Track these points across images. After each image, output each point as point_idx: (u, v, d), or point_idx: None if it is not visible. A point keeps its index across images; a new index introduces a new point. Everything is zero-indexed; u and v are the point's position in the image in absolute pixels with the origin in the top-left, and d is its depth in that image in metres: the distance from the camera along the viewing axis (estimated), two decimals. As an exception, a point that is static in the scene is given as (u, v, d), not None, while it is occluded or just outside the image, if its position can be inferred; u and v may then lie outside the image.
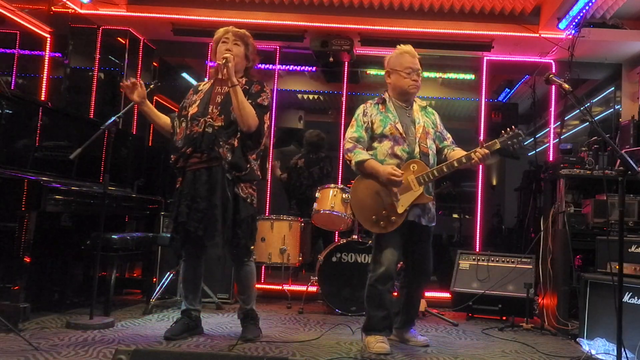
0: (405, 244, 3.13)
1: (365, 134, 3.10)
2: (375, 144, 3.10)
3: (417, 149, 3.05)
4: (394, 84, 3.17)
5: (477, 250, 5.02)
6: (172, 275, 4.01)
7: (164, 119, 3.23)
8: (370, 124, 3.11)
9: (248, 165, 3.04)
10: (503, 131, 3.04)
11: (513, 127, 3.03)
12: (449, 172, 3.02)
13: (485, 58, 5.35)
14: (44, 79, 5.11)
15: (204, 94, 3.12)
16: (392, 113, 3.11)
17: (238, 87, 2.95)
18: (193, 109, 3.08)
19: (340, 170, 5.36)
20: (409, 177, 2.99)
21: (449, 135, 3.28)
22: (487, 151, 2.98)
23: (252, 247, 3.22)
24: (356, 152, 3.05)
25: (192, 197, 2.97)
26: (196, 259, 3.15)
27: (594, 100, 5.96)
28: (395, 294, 3.35)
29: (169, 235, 3.17)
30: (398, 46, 3.22)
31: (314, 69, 6.30)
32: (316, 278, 4.21)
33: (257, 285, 4.89)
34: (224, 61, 2.98)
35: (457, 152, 3.12)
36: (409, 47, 3.18)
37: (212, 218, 2.93)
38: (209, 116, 3.01)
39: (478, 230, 5.18)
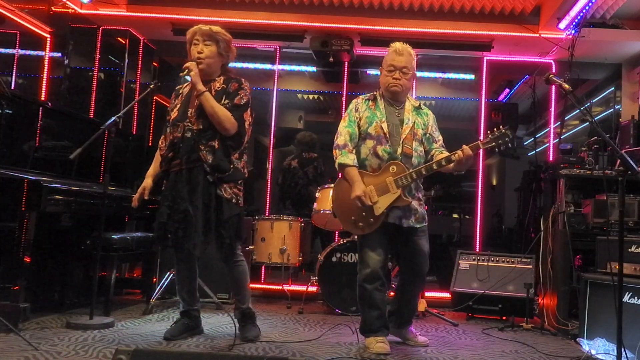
0: (395, 246, 3.14)
1: (357, 130, 3.08)
2: (359, 142, 3.08)
3: (399, 150, 3.01)
4: (380, 81, 3.16)
5: (477, 250, 5.02)
6: (172, 275, 4.00)
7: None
8: (359, 120, 3.09)
9: (231, 166, 3.00)
10: (489, 132, 2.99)
11: (501, 126, 2.97)
12: (428, 174, 3.00)
13: (485, 58, 5.35)
14: (44, 79, 5.10)
15: (184, 97, 3.11)
16: (381, 111, 3.08)
17: (206, 94, 2.92)
18: (174, 114, 3.08)
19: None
20: (387, 179, 2.96)
21: (440, 137, 3.21)
22: (466, 153, 2.91)
23: (244, 247, 3.21)
24: (344, 152, 3.03)
25: (172, 198, 2.97)
26: (189, 259, 3.13)
27: (594, 100, 5.96)
28: (393, 293, 3.38)
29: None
30: (391, 44, 3.17)
31: (314, 69, 6.31)
32: (316, 278, 4.21)
33: (257, 285, 4.92)
34: (185, 72, 2.95)
35: (443, 155, 3.07)
36: (397, 45, 3.10)
37: (191, 219, 2.91)
38: (188, 120, 2.99)
39: (478, 230, 5.18)
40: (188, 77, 3.00)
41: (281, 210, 5.69)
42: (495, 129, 2.97)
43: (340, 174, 3.17)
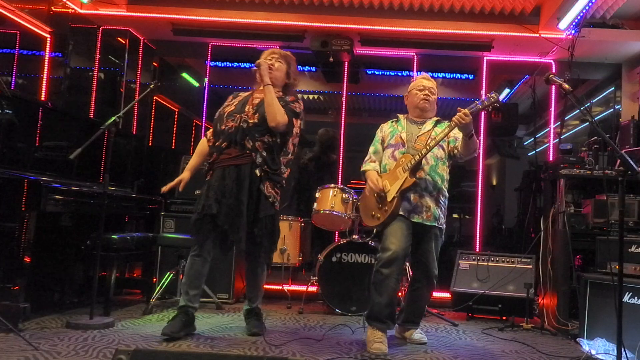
0: (413, 242, 3.22)
1: (380, 146, 3.39)
2: (383, 154, 3.36)
3: (411, 148, 3.21)
4: (409, 103, 3.42)
5: (477, 250, 5.01)
6: (172, 275, 4.00)
7: (204, 151, 3.33)
8: (383, 138, 3.39)
9: (279, 166, 3.19)
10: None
11: (487, 93, 3.10)
12: (429, 151, 3.10)
13: (485, 58, 5.35)
14: (44, 79, 5.09)
15: (242, 98, 3.31)
16: (402, 126, 3.34)
17: (270, 87, 3.14)
18: (230, 108, 3.25)
19: (340, 170, 5.36)
20: (397, 170, 3.18)
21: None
22: (457, 120, 2.97)
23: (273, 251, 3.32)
24: (366, 163, 3.38)
25: (222, 192, 3.08)
26: (206, 256, 3.16)
27: (594, 100, 5.96)
28: (400, 294, 3.45)
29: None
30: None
31: (314, 69, 6.30)
32: (316, 278, 4.21)
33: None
34: (257, 64, 3.19)
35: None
36: (423, 74, 3.52)
37: (238, 214, 3.04)
38: (245, 113, 3.17)
39: (478, 230, 5.17)
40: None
41: (296, 210, 5.61)
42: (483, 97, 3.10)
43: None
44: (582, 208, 3.97)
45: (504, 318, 4.14)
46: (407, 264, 3.64)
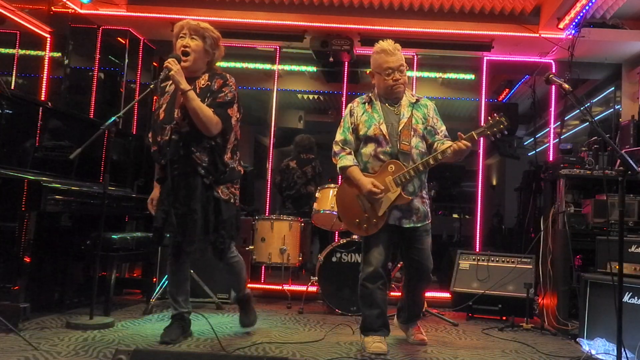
0: (400, 245, 3.15)
1: (352, 136, 3.10)
2: (361, 146, 3.08)
3: (397, 149, 3.00)
4: (378, 85, 3.12)
5: (477, 250, 5.02)
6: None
7: None
8: (356, 125, 3.09)
9: (227, 168, 2.98)
10: (483, 122, 2.97)
11: (495, 114, 2.93)
12: (426, 169, 2.99)
13: (485, 58, 5.35)
14: (44, 79, 5.10)
15: (169, 96, 3.00)
16: (378, 113, 3.07)
17: (190, 93, 2.82)
18: (161, 115, 2.98)
19: (340, 170, 5.37)
20: (386, 179, 2.96)
21: (442, 128, 3.14)
22: (462, 145, 2.86)
23: (244, 247, 3.23)
24: (341, 156, 3.07)
25: (169, 203, 2.93)
26: (185, 262, 3.12)
27: (594, 100, 5.96)
28: (399, 293, 3.42)
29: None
30: (376, 44, 3.10)
31: (314, 69, 6.31)
32: (316, 278, 4.21)
33: (257, 285, 4.93)
34: (166, 71, 2.82)
35: (444, 146, 2.99)
36: (386, 45, 3.04)
37: (190, 223, 2.88)
38: (175, 122, 2.90)
39: (478, 230, 5.18)
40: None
41: (281, 209, 5.71)
42: (489, 117, 2.94)
43: (340, 178, 3.15)
44: (582, 208, 3.97)
45: (504, 318, 4.14)
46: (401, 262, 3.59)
